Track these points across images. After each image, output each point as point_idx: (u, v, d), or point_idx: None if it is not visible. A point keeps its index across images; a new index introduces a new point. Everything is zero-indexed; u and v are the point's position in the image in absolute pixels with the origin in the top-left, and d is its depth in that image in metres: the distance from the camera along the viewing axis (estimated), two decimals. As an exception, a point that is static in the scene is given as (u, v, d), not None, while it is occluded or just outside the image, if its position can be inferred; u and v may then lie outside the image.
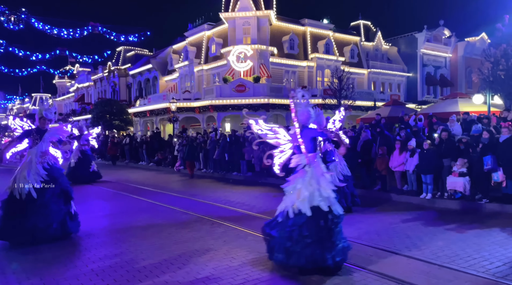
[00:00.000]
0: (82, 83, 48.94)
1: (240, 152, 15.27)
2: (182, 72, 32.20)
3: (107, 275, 4.66)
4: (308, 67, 30.38)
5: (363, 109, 27.46)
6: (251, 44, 27.22)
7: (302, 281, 4.40)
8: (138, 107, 32.51)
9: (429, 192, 9.25)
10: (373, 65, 34.43)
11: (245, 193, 11.22)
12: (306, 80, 30.40)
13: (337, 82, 23.01)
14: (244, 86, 25.60)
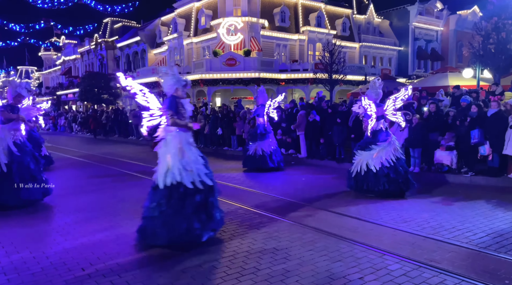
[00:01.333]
0: (69, 56, 47.66)
1: (231, 126, 15.21)
2: (171, 45, 31.50)
3: (97, 248, 4.68)
4: (300, 40, 29.93)
5: (354, 83, 27.36)
6: (242, 16, 26.61)
7: (295, 246, 4.48)
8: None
9: (416, 166, 9.37)
10: (364, 39, 34.08)
11: (236, 167, 11.25)
12: (297, 54, 30.03)
13: (329, 56, 22.75)
14: (234, 60, 25.20)
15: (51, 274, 3.98)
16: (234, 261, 4.27)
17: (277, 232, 5.24)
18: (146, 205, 4.82)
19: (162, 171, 4.77)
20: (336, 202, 6.88)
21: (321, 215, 6.14)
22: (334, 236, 5.05)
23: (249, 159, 10.47)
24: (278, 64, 26.91)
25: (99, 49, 40.71)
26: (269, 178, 9.47)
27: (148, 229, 4.68)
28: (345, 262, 4.20)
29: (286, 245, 4.76)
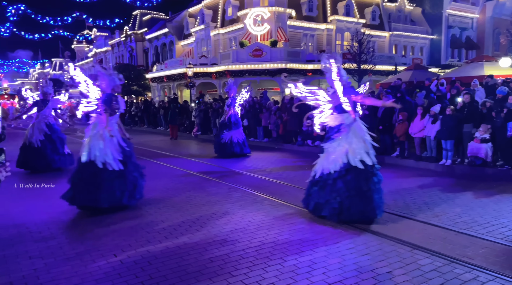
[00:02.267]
0: (100, 48, 48.90)
1: (257, 118, 15.22)
2: (198, 37, 31.68)
3: (128, 236, 4.84)
4: (327, 30, 29.36)
5: (384, 74, 26.61)
6: (268, 6, 26.35)
7: (321, 239, 4.47)
8: (155, 73, 32.46)
9: (448, 158, 9.08)
10: (395, 28, 33.01)
11: (261, 158, 11.28)
12: (324, 43, 29.49)
13: (357, 45, 22.23)
14: (261, 50, 25.06)
15: (86, 258, 4.14)
16: (260, 252, 4.30)
17: (303, 224, 5.23)
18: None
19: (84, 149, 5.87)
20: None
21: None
22: (361, 229, 4.99)
23: (222, 146, 11.37)
24: (305, 54, 26.54)
25: (129, 41, 41.52)
26: (303, 171, 9.44)
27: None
28: (373, 256, 4.15)
29: (313, 237, 4.74)
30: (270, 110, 14.81)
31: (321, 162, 5.47)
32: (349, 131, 5.25)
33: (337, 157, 5.23)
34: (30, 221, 5.47)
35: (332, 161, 5.27)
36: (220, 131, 11.61)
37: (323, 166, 5.37)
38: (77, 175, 5.82)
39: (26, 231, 5.04)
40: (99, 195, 5.66)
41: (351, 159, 5.13)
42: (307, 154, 11.65)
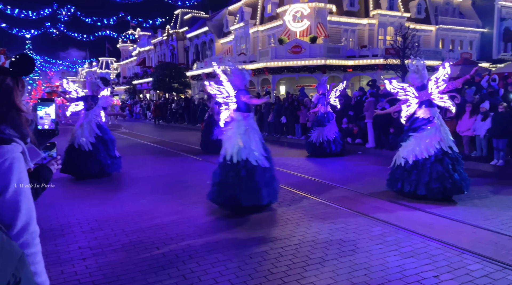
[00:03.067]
0: (143, 47, 50.56)
1: (295, 115, 15.10)
2: (237, 34, 31.91)
3: (169, 230, 4.96)
4: (369, 25, 28.52)
5: (430, 69, 25.45)
6: (308, 2, 26.00)
7: (362, 240, 4.35)
8: (195, 71, 33.09)
9: (501, 158, 8.53)
10: (442, 21, 31.46)
11: (300, 156, 11.17)
12: (366, 39, 28.70)
13: (401, 40, 21.40)
14: (300, 47, 24.81)
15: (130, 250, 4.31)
16: (299, 250, 4.26)
17: (343, 223, 5.12)
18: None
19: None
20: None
21: (391, 208, 5.86)
22: (406, 230, 4.80)
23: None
24: (345, 50, 25.96)
25: (171, 40, 42.60)
26: (335, 168, 9.27)
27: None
28: (418, 259, 3.98)
29: (354, 237, 4.63)
30: (308, 107, 14.64)
31: (412, 149, 6.28)
32: (435, 123, 6.23)
33: (430, 143, 6.17)
34: (79, 213, 5.75)
35: (425, 147, 6.18)
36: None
37: (415, 151, 6.25)
38: (231, 174, 5.51)
39: (75, 222, 5.31)
40: (261, 193, 5.48)
41: (444, 146, 6.13)
42: (346, 152, 11.40)
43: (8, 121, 1.67)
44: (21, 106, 1.74)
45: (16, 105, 1.71)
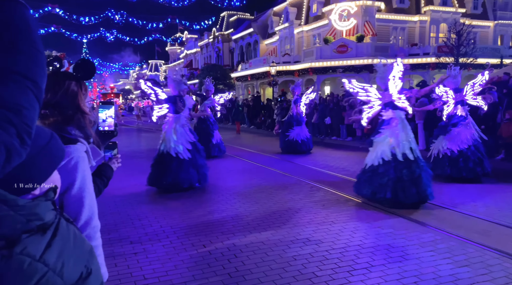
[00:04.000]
0: (190, 49, 52.03)
1: (340, 115, 14.83)
2: (282, 35, 31.89)
3: (216, 228, 5.07)
4: (420, 22, 27.34)
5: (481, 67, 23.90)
6: (356, 0, 25.41)
7: (411, 246, 4.20)
8: (240, 72, 33.50)
9: None
10: (501, 16, 29.43)
11: (344, 158, 10.96)
12: (417, 37, 27.53)
13: (455, 37, 20.30)
14: (346, 46, 24.32)
15: (178, 246, 4.45)
16: (345, 254, 4.18)
17: (391, 228, 4.96)
18: None
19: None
20: (461, 199, 6.18)
21: (443, 213, 5.59)
22: (460, 238, 4.56)
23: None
24: (394, 49, 25.09)
25: (216, 42, 43.47)
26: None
27: None
28: (473, 268, 3.76)
29: (402, 243, 4.47)
30: (355, 108, 14.31)
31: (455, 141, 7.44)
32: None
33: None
34: (130, 209, 6.04)
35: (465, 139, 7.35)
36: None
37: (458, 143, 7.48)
38: None
39: (127, 218, 5.58)
40: None
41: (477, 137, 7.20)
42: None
43: (74, 123, 1.80)
44: (85, 109, 1.86)
45: (80, 108, 1.84)
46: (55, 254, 0.92)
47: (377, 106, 6.21)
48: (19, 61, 0.84)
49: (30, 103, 0.84)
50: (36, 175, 0.96)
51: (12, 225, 0.87)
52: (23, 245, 0.86)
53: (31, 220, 0.90)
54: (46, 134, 1.01)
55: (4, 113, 0.79)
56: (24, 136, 0.82)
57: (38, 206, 0.93)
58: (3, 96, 0.80)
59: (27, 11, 0.88)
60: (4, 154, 0.78)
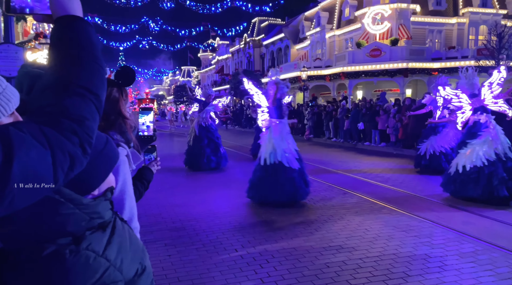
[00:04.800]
0: (222, 55, 52.80)
1: (373, 121, 14.53)
2: (313, 40, 31.73)
3: (248, 233, 5.09)
4: (458, 24, 26.38)
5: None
6: (389, 4, 24.90)
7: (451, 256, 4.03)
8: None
9: None
10: (547, 16, 27.88)
11: (378, 164, 10.71)
12: (454, 39, 26.57)
13: (496, 40, 19.43)
14: (379, 50, 23.85)
15: (210, 250, 4.50)
16: (380, 263, 4.07)
17: (428, 238, 4.79)
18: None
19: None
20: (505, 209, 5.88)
21: (483, 222, 5.34)
22: (502, 249, 4.33)
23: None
24: (430, 52, 24.33)
25: (247, 48, 43.87)
26: (425, 180, 8.72)
27: None
28: (518, 283, 3.56)
29: (441, 253, 4.30)
30: (389, 113, 13.98)
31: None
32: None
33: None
34: (164, 211, 6.18)
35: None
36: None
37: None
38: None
39: (162, 221, 5.71)
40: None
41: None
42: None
43: (116, 128, 1.87)
44: (126, 114, 1.93)
45: (122, 114, 1.91)
46: (115, 250, 0.98)
47: (468, 112, 6.60)
48: (83, 76, 0.91)
49: (92, 115, 0.90)
50: (96, 176, 1.03)
51: (78, 222, 0.94)
52: (88, 241, 0.94)
53: (93, 218, 0.98)
54: (103, 138, 1.08)
55: (70, 124, 0.85)
56: (86, 146, 0.88)
57: (99, 205, 1.00)
58: (69, 108, 0.87)
59: (91, 29, 0.96)
60: (68, 161, 0.84)
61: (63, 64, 0.91)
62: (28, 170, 0.78)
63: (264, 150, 6.35)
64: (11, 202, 0.77)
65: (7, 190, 0.75)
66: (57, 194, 0.92)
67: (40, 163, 0.79)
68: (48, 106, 0.87)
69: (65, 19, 0.95)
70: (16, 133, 0.78)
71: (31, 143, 0.79)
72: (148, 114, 2.22)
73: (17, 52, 5.32)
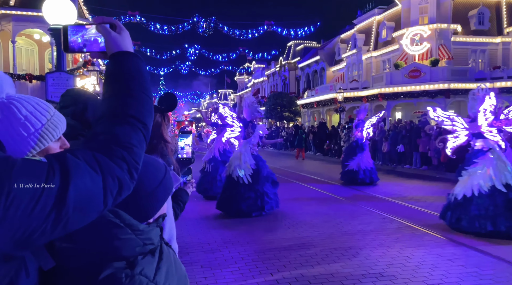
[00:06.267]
0: (258, 78, 53.71)
1: (413, 143, 14.07)
2: (349, 61, 31.62)
3: (283, 257, 5.02)
4: (503, 43, 25.37)
5: None
6: (429, 24, 24.46)
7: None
8: (306, 99, 33.63)
9: None
10: None
11: (419, 188, 10.29)
12: (499, 59, 25.52)
13: (545, 58, 18.44)
14: (419, 71, 23.30)
15: (245, 273, 4.46)
16: (423, 293, 3.86)
17: (476, 267, 4.49)
18: None
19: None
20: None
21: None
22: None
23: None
24: (473, 72, 23.47)
25: (283, 71, 44.38)
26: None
27: None
28: None
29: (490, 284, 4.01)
30: (430, 135, 13.49)
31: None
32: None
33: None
34: (200, 233, 6.23)
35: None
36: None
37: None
38: None
39: (197, 242, 5.76)
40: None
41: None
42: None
43: (157, 151, 1.95)
44: (167, 138, 2.02)
45: (164, 138, 2.00)
46: (163, 275, 1.02)
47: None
48: (134, 106, 0.98)
49: (139, 142, 0.97)
50: (156, 204, 1.09)
51: (133, 247, 0.99)
52: (141, 266, 0.98)
53: (146, 243, 1.02)
54: (162, 168, 1.15)
55: (119, 151, 0.91)
56: (133, 172, 0.93)
57: (152, 231, 1.05)
58: (120, 136, 0.93)
59: (141, 62, 1.05)
60: (117, 186, 0.89)
61: (117, 96, 0.99)
62: (82, 194, 0.83)
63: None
64: (65, 224, 0.82)
65: (63, 212, 0.81)
66: (118, 218, 0.97)
67: (92, 188, 0.85)
68: (102, 134, 0.93)
69: (119, 55, 1.04)
70: (72, 159, 0.85)
71: (85, 168, 0.85)
72: (187, 137, 2.31)
73: (68, 79, 5.72)
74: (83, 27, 1.09)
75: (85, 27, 1.09)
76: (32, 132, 0.95)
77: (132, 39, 8.43)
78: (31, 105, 0.98)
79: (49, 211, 0.79)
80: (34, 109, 0.98)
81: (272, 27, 34.16)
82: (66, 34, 1.07)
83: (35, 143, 0.96)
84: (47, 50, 19.08)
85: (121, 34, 1.06)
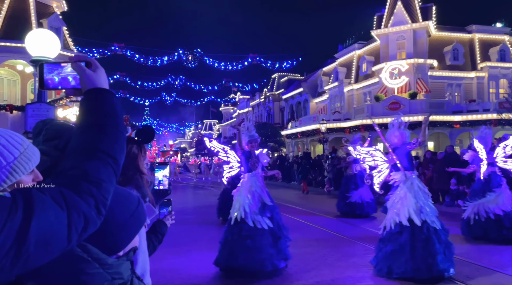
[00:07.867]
0: (243, 109, 54.36)
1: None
2: (331, 93, 32.44)
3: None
4: (478, 78, 26.57)
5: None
6: (406, 59, 25.53)
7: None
8: (290, 130, 34.06)
9: None
10: None
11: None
12: (474, 93, 26.62)
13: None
14: (398, 103, 24.04)
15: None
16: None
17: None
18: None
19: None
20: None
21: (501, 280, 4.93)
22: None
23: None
24: (450, 105, 24.35)
25: (267, 102, 45.11)
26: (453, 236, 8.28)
27: None
28: None
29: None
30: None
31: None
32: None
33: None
34: (181, 267, 6.03)
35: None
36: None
37: None
38: None
39: (178, 276, 5.56)
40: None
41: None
42: (456, 216, 10.16)
43: (132, 183, 1.92)
44: (143, 170, 1.99)
45: (139, 169, 1.97)
46: None
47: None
48: (104, 141, 0.99)
49: (109, 177, 0.96)
50: (126, 237, 1.06)
51: (101, 282, 0.96)
52: None
53: (115, 278, 0.99)
54: (134, 199, 1.13)
55: (88, 186, 0.90)
56: (101, 207, 0.92)
57: (122, 265, 1.02)
58: (89, 171, 0.93)
59: (116, 100, 1.07)
60: (82, 222, 0.88)
61: (89, 131, 0.99)
62: (45, 230, 0.81)
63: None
64: (26, 260, 0.79)
65: (24, 248, 0.78)
66: (85, 252, 0.95)
67: (56, 223, 0.83)
68: (71, 169, 0.93)
69: (93, 92, 1.05)
70: (37, 195, 0.84)
71: (50, 204, 0.84)
72: (164, 168, 2.29)
73: (48, 110, 5.67)
74: (58, 65, 1.10)
75: (61, 65, 1.10)
76: (4, 165, 0.94)
77: (118, 70, 8.42)
78: (4, 138, 0.97)
79: (9, 247, 0.77)
80: (7, 142, 0.97)
81: (256, 59, 35.00)
82: (41, 72, 1.09)
83: (6, 176, 0.94)
84: (30, 81, 18.99)
85: (96, 72, 1.07)
